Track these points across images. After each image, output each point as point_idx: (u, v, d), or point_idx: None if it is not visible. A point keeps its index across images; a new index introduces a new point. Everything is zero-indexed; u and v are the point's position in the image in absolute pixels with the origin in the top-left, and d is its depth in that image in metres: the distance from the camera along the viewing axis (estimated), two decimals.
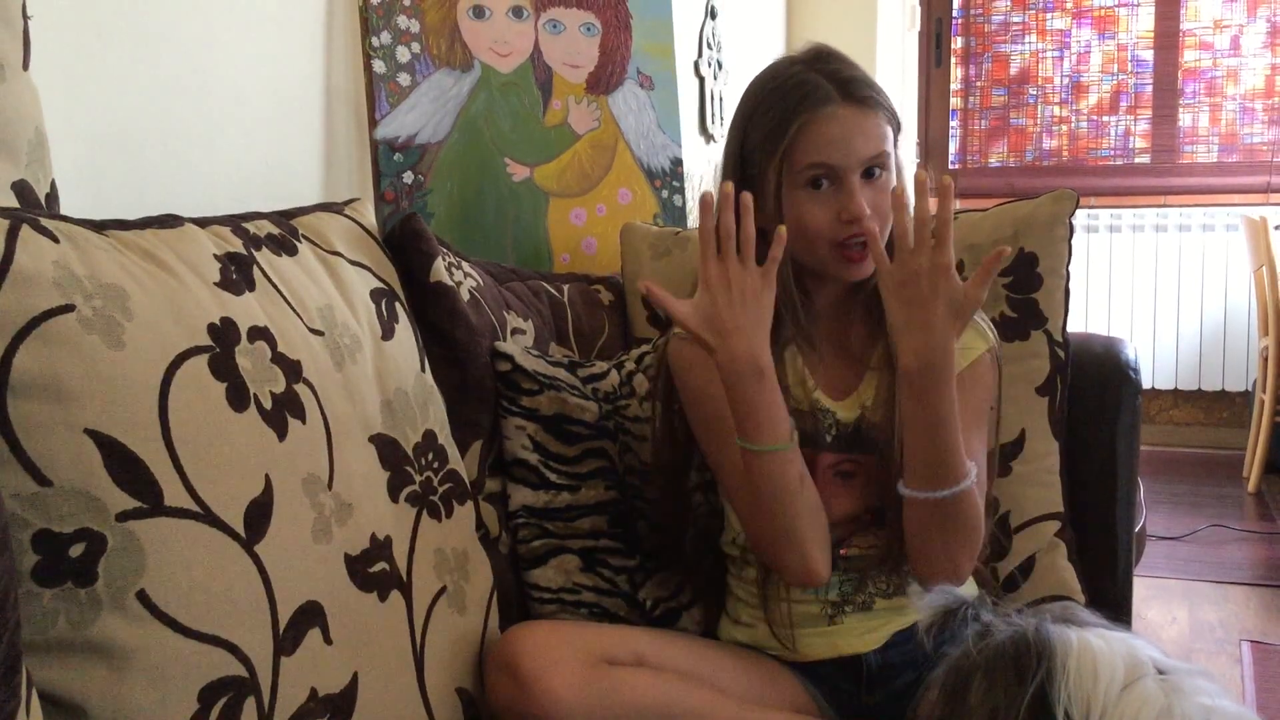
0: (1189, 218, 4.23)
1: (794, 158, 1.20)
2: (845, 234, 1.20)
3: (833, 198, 1.20)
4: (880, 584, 1.27)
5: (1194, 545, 3.19)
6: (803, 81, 1.21)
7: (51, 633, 0.78)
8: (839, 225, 1.20)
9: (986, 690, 0.86)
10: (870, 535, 1.26)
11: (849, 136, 1.19)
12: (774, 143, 1.21)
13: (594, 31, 1.87)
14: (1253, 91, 4.26)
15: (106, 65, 1.19)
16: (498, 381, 1.36)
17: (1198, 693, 0.83)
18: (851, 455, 1.26)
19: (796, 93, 1.21)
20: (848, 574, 1.27)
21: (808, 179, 1.20)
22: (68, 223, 0.88)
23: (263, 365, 0.98)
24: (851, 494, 1.26)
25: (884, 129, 1.22)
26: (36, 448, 0.78)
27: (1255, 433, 3.79)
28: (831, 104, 1.19)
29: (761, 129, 1.22)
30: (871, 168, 1.21)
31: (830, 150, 1.19)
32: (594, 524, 1.35)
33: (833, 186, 1.20)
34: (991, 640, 0.88)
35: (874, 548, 1.26)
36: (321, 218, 1.22)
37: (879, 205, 1.21)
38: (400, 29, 1.62)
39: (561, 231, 1.83)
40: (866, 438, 1.25)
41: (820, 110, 1.19)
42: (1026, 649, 0.85)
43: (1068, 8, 4.40)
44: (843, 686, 1.28)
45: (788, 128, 1.19)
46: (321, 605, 0.97)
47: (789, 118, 1.20)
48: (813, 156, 1.19)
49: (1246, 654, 2.41)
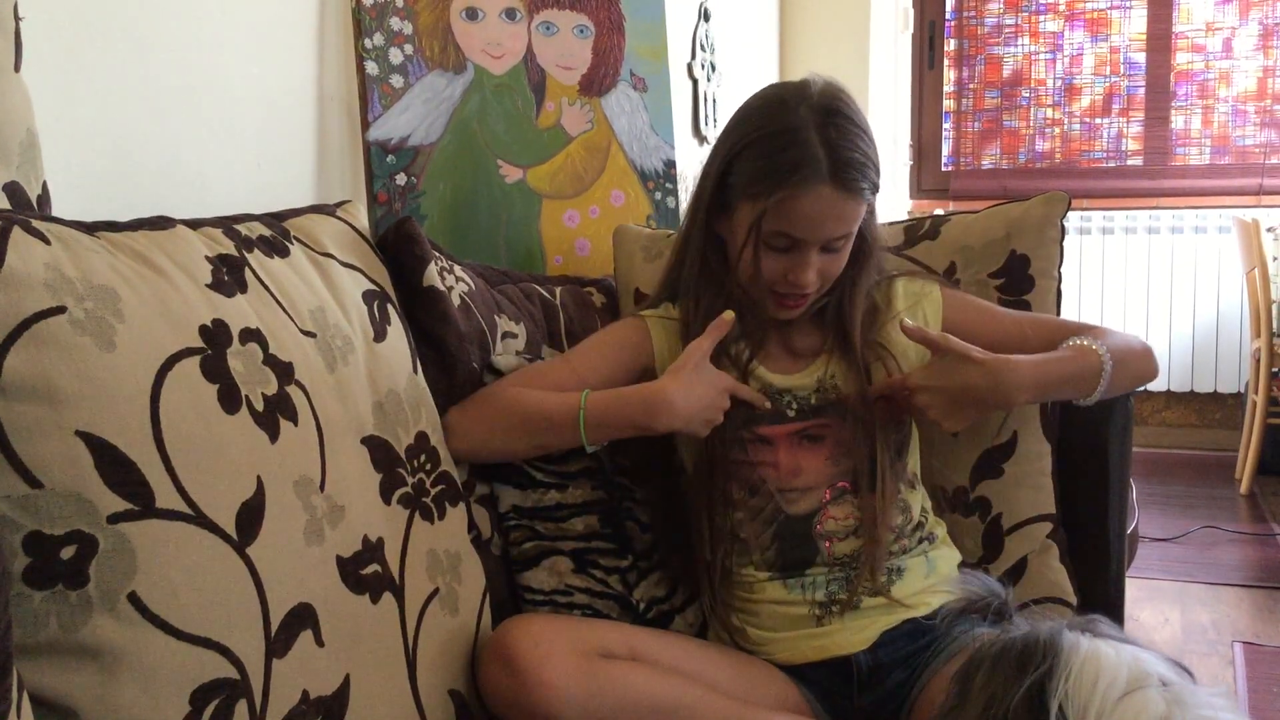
0: (1181, 220, 4.24)
1: (768, 216, 1.26)
2: (785, 289, 1.30)
3: (788, 258, 1.29)
4: (866, 582, 1.28)
5: (1186, 547, 3.20)
6: (804, 145, 1.24)
7: (42, 635, 0.78)
8: (784, 282, 1.30)
9: (988, 677, 0.90)
10: (847, 504, 1.30)
11: (824, 219, 1.26)
12: (754, 195, 1.27)
13: (587, 33, 1.87)
14: (1245, 94, 4.27)
15: (98, 66, 1.19)
16: None
17: (1201, 706, 0.83)
18: (818, 420, 1.33)
19: (793, 155, 1.24)
20: (834, 572, 1.28)
21: (773, 243, 1.28)
22: (59, 224, 0.88)
23: (254, 367, 0.98)
24: (821, 455, 1.32)
25: (860, 210, 1.28)
26: (27, 450, 0.78)
27: (1247, 434, 3.80)
28: (820, 184, 1.23)
29: (748, 172, 1.28)
30: (833, 245, 1.29)
31: (802, 225, 1.26)
32: (585, 524, 1.35)
33: (793, 250, 1.28)
34: (1005, 635, 0.93)
35: (852, 519, 1.30)
36: (313, 219, 1.22)
37: (827, 271, 1.31)
38: (393, 31, 1.62)
39: (554, 233, 1.83)
40: (831, 402, 1.33)
41: (806, 186, 1.23)
42: (1035, 645, 0.89)
43: (1060, 10, 4.41)
44: (835, 689, 1.28)
45: (772, 191, 1.25)
46: (313, 607, 0.97)
47: (777, 180, 1.24)
48: (783, 225, 1.26)
49: (1239, 655, 2.42)
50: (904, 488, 1.34)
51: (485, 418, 1.29)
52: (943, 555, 1.36)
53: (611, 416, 1.25)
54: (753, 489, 1.31)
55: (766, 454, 1.31)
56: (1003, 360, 1.25)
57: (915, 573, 1.31)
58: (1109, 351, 1.28)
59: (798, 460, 1.31)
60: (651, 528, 1.38)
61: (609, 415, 1.25)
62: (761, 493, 1.31)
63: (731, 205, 1.31)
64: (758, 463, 1.31)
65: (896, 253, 1.53)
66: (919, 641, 1.28)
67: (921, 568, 1.32)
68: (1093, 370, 1.28)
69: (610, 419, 1.25)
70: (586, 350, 1.39)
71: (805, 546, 1.29)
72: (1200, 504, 3.63)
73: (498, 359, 1.37)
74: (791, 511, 1.30)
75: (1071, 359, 1.29)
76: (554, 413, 1.26)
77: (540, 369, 1.36)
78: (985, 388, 1.25)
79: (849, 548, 1.29)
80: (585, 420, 1.24)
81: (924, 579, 1.31)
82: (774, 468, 1.31)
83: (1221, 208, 4.19)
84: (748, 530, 1.31)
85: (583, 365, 1.35)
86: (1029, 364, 1.26)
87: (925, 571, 1.32)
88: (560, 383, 1.31)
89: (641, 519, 1.38)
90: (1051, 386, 1.30)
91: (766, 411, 1.32)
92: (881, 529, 1.28)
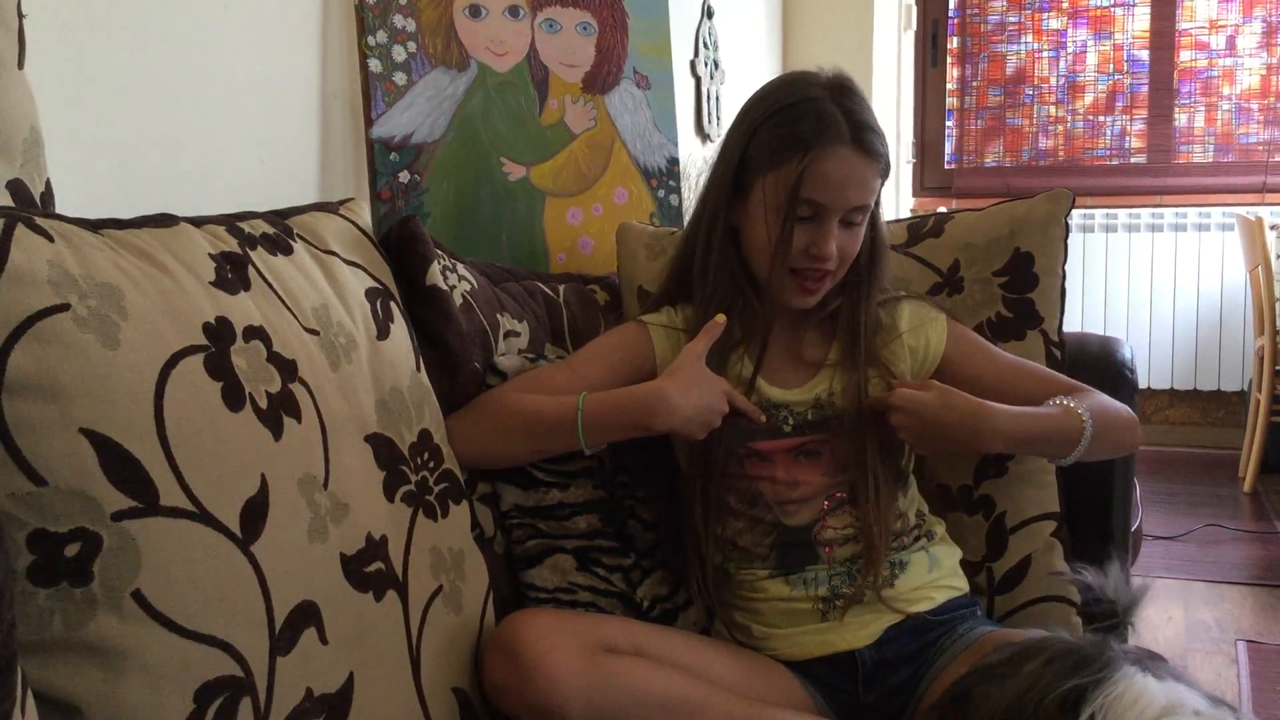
0: (1184, 217, 4.23)
1: (791, 184, 1.25)
2: (804, 264, 1.29)
3: (808, 231, 1.28)
4: (869, 576, 1.28)
5: (1190, 545, 3.20)
6: (822, 112, 1.26)
7: (47, 632, 0.78)
8: (804, 256, 1.29)
9: (1043, 666, 0.94)
10: (845, 514, 1.31)
11: (846, 183, 1.26)
12: (777, 161, 1.27)
13: (590, 31, 1.87)
14: (1248, 91, 4.26)
15: (102, 63, 1.19)
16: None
17: None
18: (814, 436, 1.32)
19: (813, 121, 1.26)
20: (835, 568, 1.29)
21: (800, 213, 1.27)
22: (63, 222, 0.88)
23: (258, 364, 0.98)
24: (818, 470, 1.32)
25: (875, 183, 1.30)
26: (31, 447, 0.78)
27: (1251, 432, 3.80)
28: (842, 145, 1.25)
29: (768, 143, 1.28)
30: (851, 218, 1.29)
31: (825, 190, 1.26)
32: (587, 523, 1.35)
33: (813, 222, 1.28)
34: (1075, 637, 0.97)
35: (850, 527, 1.30)
36: (317, 217, 1.22)
37: (846, 248, 1.30)
38: (396, 28, 1.62)
39: (557, 231, 1.83)
40: (828, 418, 1.33)
41: (829, 148, 1.25)
42: (1095, 656, 0.93)
43: (1063, 8, 4.40)
44: (839, 685, 1.28)
45: (796, 154, 1.25)
46: (317, 605, 0.97)
47: (799, 144, 1.25)
48: (808, 192, 1.26)
49: (1242, 653, 2.42)
50: (901, 497, 1.35)
51: (485, 422, 1.29)
52: (944, 550, 1.36)
53: (609, 417, 1.25)
54: (750, 500, 1.32)
55: (763, 469, 1.32)
56: (981, 406, 1.24)
57: (918, 567, 1.32)
58: (1092, 419, 1.26)
59: (795, 475, 1.31)
60: (654, 526, 1.38)
61: (606, 416, 1.24)
62: (760, 504, 1.32)
63: (749, 188, 1.31)
64: (754, 477, 1.32)
65: (901, 251, 1.53)
66: (924, 638, 1.28)
67: (923, 562, 1.33)
68: (1072, 434, 1.26)
69: (608, 420, 1.25)
70: (588, 355, 1.39)
71: (806, 552, 1.30)
72: (1203, 502, 3.62)
73: (500, 360, 1.37)
74: (790, 523, 1.31)
75: (1053, 418, 1.27)
76: (551, 416, 1.26)
77: (541, 374, 1.35)
78: (959, 426, 1.24)
79: (849, 551, 1.30)
80: (583, 422, 1.24)
81: (927, 573, 1.32)
82: (771, 481, 1.31)
83: (1225, 205, 4.18)
84: (746, 539, 1.32)
85: (584, 369, 1.35)
86: (1008, 415, 1.25)
87: (928, 566, 1.33)
88: (561, 387, 1.31)
89: (644, 517, 1.38)
90: (1027, 441, 1.29)
91: (762, 427, 1.31)
92: (879, 537, 1.28)
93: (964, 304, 1.49)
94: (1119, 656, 0.92)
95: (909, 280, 1.51)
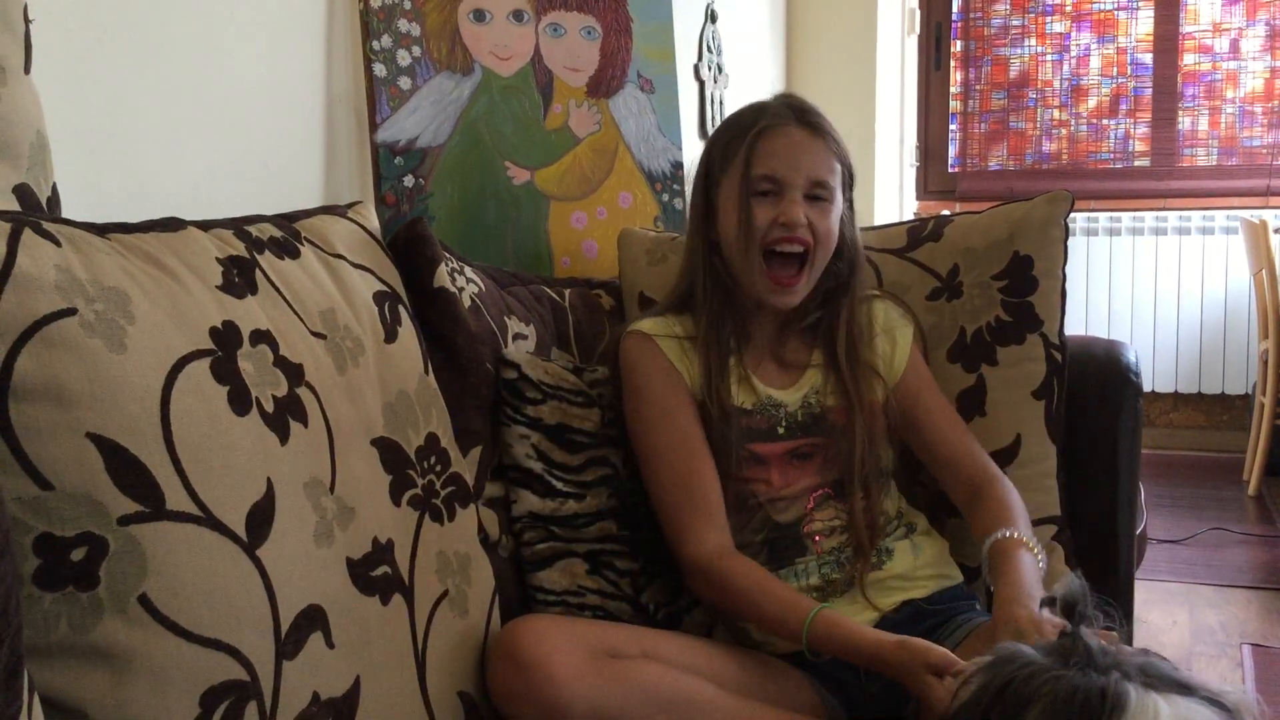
0: (1188, 221, 4.23)
1: (747, 166, 1.34)
2: (777, 235, 1.33)
3: (772, 205, 1.34)
4: (859, 563, 1.32)
5: (1194, 548, 3.19)
6: (763, 106, 1.39)
7: (53, 636, 0.78)
8: (775, 227, 1.33)
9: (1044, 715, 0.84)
10: (831, 508, 1.35)
11: (797, 154, 1.34)
12: (728, 156, 1.37)
13: (595, 35, 1.87)
14: (1252, 95, 4.26)
15: (108, 69, 1.19)
16: (503, 389, 1.37)
17: None
18: (807, 439, 1.37)
19: (755, 113, 1.38)
20: (824, 558, 1.32)
21: (757, 188, 1.34)
22: (70, 226, 0.88)
23: (265, 369, 0.98)
24: (810, 470, 1.36)
25: (831, 161, 1.37)
26: (38, 451, 0.78)
27: (1255, 436, 3.79)
28: (787, 124, 1.36)
29: (722, 145, 1.39)
30: (816, 192, 1.35)
31: (778, 162, 1.34)
32: (600, 529, 1.35)
33: (775, 196, 1.34)
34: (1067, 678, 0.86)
35: (836, 519, 1.34)
36: (324, 220, 1.22)
37: (818, 225, 1.34)
38: (401, 32, 1.62)
39: (562, 235, 1.83)
40: (819, 421, 1.37)
41: (774, 127, 1.35)
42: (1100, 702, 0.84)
43: (1067, 11, 4.40)
44: (844, 678, 1.28)
45: (744, 138, 1.35)
46: (323, 609, 0.97)
47: (746, 130, 1.36)
48: (762, 168, 1.34)
49: (1247, 657, 2.41)
50: (883, 497, 1.37)
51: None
52: (926, 540, 1.39)
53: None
54: (742, 501, 1.34)
55: (760, 472, 1.35)
56: (1011, 619, 1.14)
57: (902, 554, 1.35)
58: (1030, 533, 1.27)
59: (789, 479, 1.35)
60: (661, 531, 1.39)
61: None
62: (750, 505, 1.34)
63: (716, 198, 1.39)
64: (751, 479, 1.34)
65: (900, 255, 1.53)
66: (921, 626, 1.28)
67: (907, 550, 1.36)
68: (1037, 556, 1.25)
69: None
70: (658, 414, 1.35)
71: (795, 546, 1.33)
72: (1208, 505, 3.62)
73: (509, 351, 1.39)
74: (779, 519, 1.34)
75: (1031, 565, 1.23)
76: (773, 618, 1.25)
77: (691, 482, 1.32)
78: None
79: (835, 542, 1.34)
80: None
81: (912, 559, 1.35)
82: (766, 484, 1.34)
83: (1229, 209, 4.18)
84: (737, 538, 1.33)
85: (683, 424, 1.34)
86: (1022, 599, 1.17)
87: (912, 553, 1.36)
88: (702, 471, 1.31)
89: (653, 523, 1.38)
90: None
91: (760, 429, 1.34)
92: (865, 529, 1.33)
93: (963, 309, 1.49)
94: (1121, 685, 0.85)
95: (908, 285, 1.52)
